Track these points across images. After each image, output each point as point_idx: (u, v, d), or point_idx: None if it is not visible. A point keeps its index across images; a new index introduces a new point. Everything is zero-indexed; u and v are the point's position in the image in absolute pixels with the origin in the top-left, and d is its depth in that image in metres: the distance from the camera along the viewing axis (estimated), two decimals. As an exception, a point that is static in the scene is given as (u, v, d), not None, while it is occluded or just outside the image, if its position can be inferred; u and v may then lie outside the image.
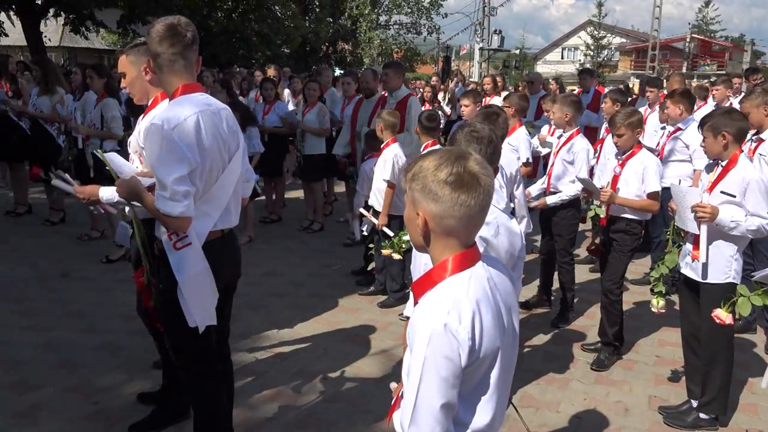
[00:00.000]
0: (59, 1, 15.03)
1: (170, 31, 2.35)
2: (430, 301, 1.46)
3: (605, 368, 4.05)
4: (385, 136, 4.99)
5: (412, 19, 31.29)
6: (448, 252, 1.49)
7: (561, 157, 4.70)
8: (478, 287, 1.47)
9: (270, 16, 20.89)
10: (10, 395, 3.48)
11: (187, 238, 2.40)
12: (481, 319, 1.43)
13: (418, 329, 1.43)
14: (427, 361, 1.40)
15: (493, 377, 1.50)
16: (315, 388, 3.68)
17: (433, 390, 1.40)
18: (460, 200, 1.42)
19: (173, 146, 2.25)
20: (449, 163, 1.44)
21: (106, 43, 27.06)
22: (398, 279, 5.02)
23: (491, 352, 1.46)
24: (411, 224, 1.53)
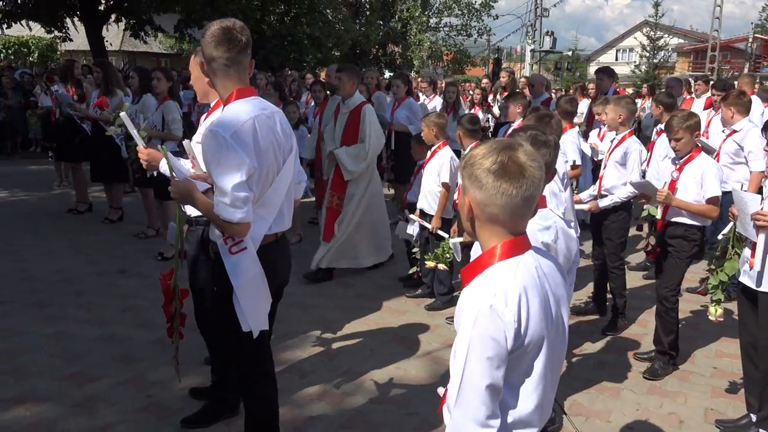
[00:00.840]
0: (121, 7, 15.58)
1: (225, 36, 2.35)
2: (477, 284, 1.49)
3: (659, 378, 3.94)
4: (438, 139, 4.98)
5: (463, 21, 31.12)
6: (495, 239, 1.52)
7: (613, 159, 4.59)
8: (527, 273, 1.49)
9: (321, 19, 21.11)
10: (69, 386, 3.62)
11: (243, 242, 2.40)
12: (528, 305, 1.45)
13: (464, 311, 1.46)
14: (473, 341, 1.42)
15: (539, 366, 1.51)
16: (361, 389, 3.70)
17: (479, 370, 1.42)
18: (502, 189, 1.45)
19: (231, 152, 2.25)
20: (496, 152, 1.48)
21: (164, 47, 27.84)
22: (446, 282, 5.00)
23: (537, 339, 1.48)
24: (462, 210, 1.57)
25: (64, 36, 16.53)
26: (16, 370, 3.77)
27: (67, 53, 23.44)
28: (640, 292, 5.49)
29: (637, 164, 4.52)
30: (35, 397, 3.47)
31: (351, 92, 5.43)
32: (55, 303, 4.86)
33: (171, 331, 3.01)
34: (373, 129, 5.44)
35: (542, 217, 2.23)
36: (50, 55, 24.90)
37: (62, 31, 16.16)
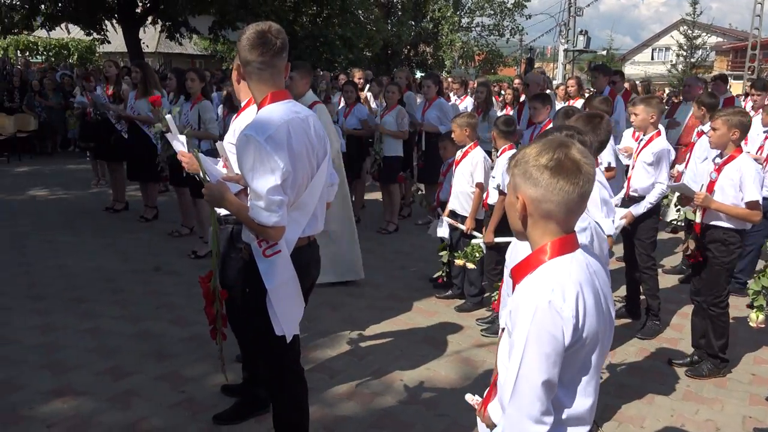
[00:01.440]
0: (157, 9, 15.86)
1: (260, 39, 2.35)
2: (533, 281, 1.50)
3: (702, 378, 3.85)
4: (470, 139, 4.96)
5: (495, 21, 30.90)
6: (548, 237, 1.52)
7: (642, 160, 4.49)
8: (580, 270, 1.50)
9: (353, 20, 21.18)
10: (105, 380, 3.70)
11: (277, 245, 2.41)
12: (584, 300, 1.46)
13: (521, 307, 1.47)
14: (531, 336, 1.43)
15: (592, 362, 1.53)
16: (391, 389, 3.70)
17: (535, 366, 1.43)
18: (559, 185, 1.46)
19: (266, 156, 2.25)
20: (551, 149, 1.49)
21: (198, 49, 28.25)
22: (477, 283, 4.97)
23: (593, 335, 1.48)
24: (511, 209, 1.58)
25: (103, 38, 16.90)
26: (54, 364, 3.87)
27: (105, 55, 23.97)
28: (676, 295, 5.38)
29: (667, 164, 4.44)
30: (72, 391, 3.56)
31: (303, 92, 5.02)
32: (92, 299, 4.98)
33: (214, 332, 3.03)
34: (330, 131, 5.07)
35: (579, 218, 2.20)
36: (89, 57, 25.48)
37: (101, 34, 16.52)
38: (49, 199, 8.91)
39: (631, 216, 4.43)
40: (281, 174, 2.28)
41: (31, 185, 9.69)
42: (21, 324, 4.45)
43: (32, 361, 3.90)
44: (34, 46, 24.74)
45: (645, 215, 4.49)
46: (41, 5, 14.98)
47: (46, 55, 24.83)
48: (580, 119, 3.09)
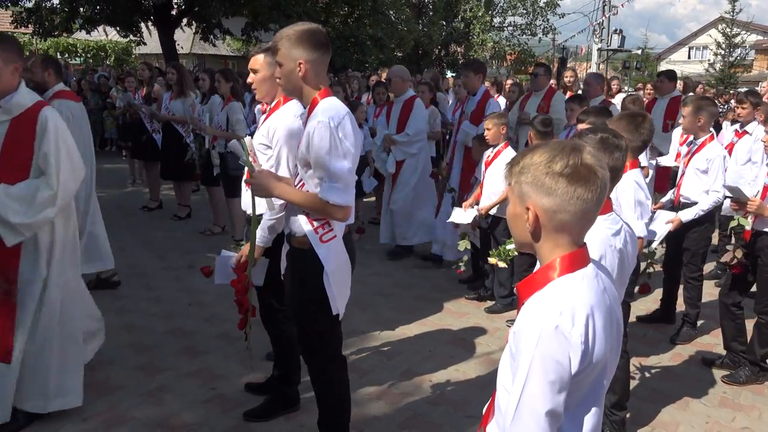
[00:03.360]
0: (192, 12, 16.12)
1: (320, 37, 2.50)
2: (539, 301, 1.39)
3: (739, 384, 3.76)
4: (504, 138, 4.93)
5: (527, 20, 30.60)
6: (558, 251, 1.41)
7: (694, 166, 4.33)
8: (591, 290, 1.39)
9: (384, 20, 21.23)
10: (139, 376, 3.77)
11: (333, 230, 2.56)
12: (594, 323, 1.35)
13: (525, 330, 1.36)
14: (535, 363, 1.33)
15: (598, 389, 1.43)
16: (420, 390, 3.69)
17: (539, 394, 1.33)
18: (577, 194, 1.35)
19: (340, 141, 2.43)
20: (564, 154, 1.37)
21: (231, 50, 28.64)
22: (507, 284, 4.93)
23: (600, 361, 1.38)
24: (517, 221, 1.46)
25: (139, 40, 17.25)
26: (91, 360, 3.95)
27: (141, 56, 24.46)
28: (713, 301, 5.26)
29: (721, 171, 4.25)
30: (107, 385, 3.64)
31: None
32: (128, 296, 5.08)
33: (244, 322, 3.09)
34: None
35: (613, 221, 2.17)
36: (126, 59, 26.04)
37: (137, 36, 16.87)
38: (86, 197, 9.10)
39: (678, 222, 4.23)
40: (351, 159, 2.47)
41: (70, 184, 9.91)
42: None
43: (69, 355, 3.99)
44: (73, 48, 25.41)
45: (696, 223, 4.30)
46: (80, 8, 15.35)
47: (85, 56, 25.47)
48: (622, 120, 3.04)
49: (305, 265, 2.61)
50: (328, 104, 2.50)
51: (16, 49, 3.05)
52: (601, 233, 2.08)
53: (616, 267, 2.10)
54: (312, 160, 2.47)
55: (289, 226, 2.67)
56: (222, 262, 3.19)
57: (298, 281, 2.69)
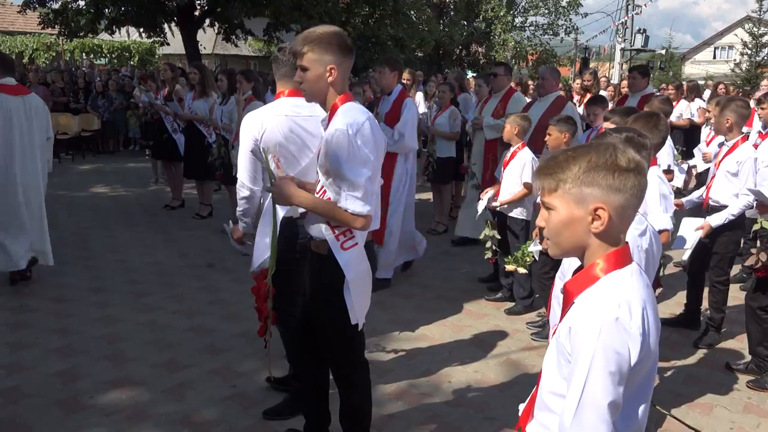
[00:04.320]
0: (214, 12, 16.27)
1: (345, 41, 2.48)
2: (595, 296, 1.40)
3: (765, 390, 3.70)
4: (519, 138, 4.90)
5: (549, 20, 30.37)
6: (602, 250, 1.43)
7: (725, 169, 4.23)
8: (641, 284, 1.42)
9: (405, 20, 21.22)
10: (161, 372, 3.82)
11: (355, 238, 2.52)
12: (649, 315, 1.38)
13: (584, 325, 1.37)
14: (597, 355, 1.34)
15: (649, 382, 1.46)
16: (439, 391, 3.69)
17: (601, 386, 1.34)
18: (641, 186, 1.39)
19: (358, 150, 2.38)
20: (621, 150, 1.40)
21: (253, 50, 28.81)
22: (525, 286, 4.90)
23: (654, 352, 1.41)
24: (574, 226, 1.43)
25: (162, 41, 17.45)
26: (114, 356, 4.01)
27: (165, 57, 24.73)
28: (738, 305, 5.17)
29: (752, 173, 4.15)
30: (130, 382, 3.69)
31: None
32: (150, 293, 5.14)
33: (264, 328, 3.10)
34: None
35: (639, 221, 2.16)
36: (149, 59, 26.35)
37: (160, 36, 17.07)
38: (110, 195, 9.26)
39: (708, 227, 4.12)
40: (371, 166, 2.42)
41: (94, 182, 10.09)
42: (83, 315, 4.64)
43: (94, 351, 4.06)
44: (98, 49, 25.76)
45: (725, 228, 4.20)
46: (105, 9, 15.57)
47: (109, 57, 25.82)
48: (639, 120, 3.05)
49: (324, 271, 2.59)
50: (347, 110, 2.47)
51: None
52: (629, 234, 2.07)
53: (642, 267, 2.08)
54: (330, 169, 2.44)
55: (309, 230, 2.65)
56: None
57: (318, 287, 2.67)
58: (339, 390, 2.85)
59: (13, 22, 27.15)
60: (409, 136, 5.39)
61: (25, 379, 3.69)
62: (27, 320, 4.53)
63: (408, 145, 5.41)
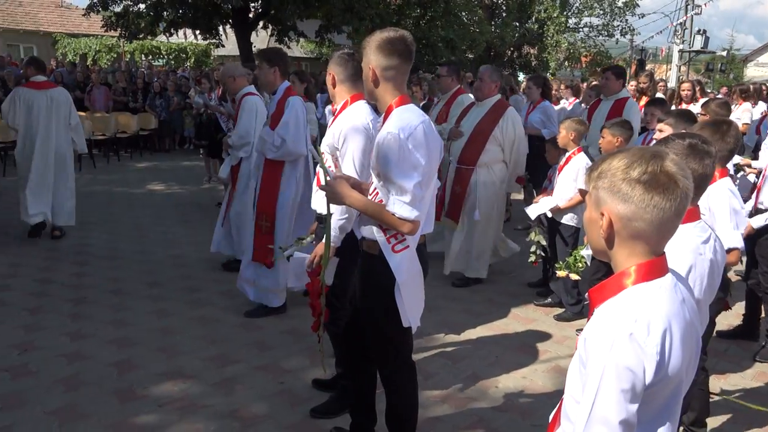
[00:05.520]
0: (268, 14, 16.56)
1: (403, 45, 2.47)
2: (613, 308, 1.35)
3: None
4: (575, 143, 4.81)
5: (604, 21, 29.72)
6: (634, 259, 1.38)
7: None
8: (669, 299, 1.35)
9: (456, 22, 21.12)
10: (211, 366, 3.90)
11: (406, 241, 2.51)
12: (671, 336, 1.31)
13: (597, 337, 1.33)
14: (607, 370, 1.29)
15: (672, 402, 1.38)
16: (485, 395, 3.65)
17: (611, 403, 1.29)
18: (654, 202, 1.32)
19: (409, 154, 2.37)
20: (643, 161, 1.34)
21: (305, 51, 29.18)
22: (573, 293, 4.81)
23: (677, 374, 1.33)
24: (592, 226, 1.44)
25: (218, 42, 17.86)
26: (167, 348, 4.13)
27: (219, 58, 25.32)
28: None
29: None
30: (182, 374, 3.78)
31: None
32: (202, 289, 5.27)
33: (317, 324, 3.13)
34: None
35: (702, 229, 2.08)
36: (205, 60, 27.03)
37: (216, 38, 17.48)
38: (165, 193, 9.53)
39: (750, 228, 4.01)
40: (421, 171, 2.40)
41: (151, 180, 10.41)
42: (138, 308, 4.79)
43: (148, 343, 4.19)
44: (156, 50, 26.58)
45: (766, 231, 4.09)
46: (164, 12, 16.05)
47: (167, 58, 26.60)
48: (707, 127, 2.92)
49: (375, 272, 2.60)
50: (401, 113, 2.47)
51: None
52: (691, 241, 2.00)
53: (706, 276, 2.01)
54: (380, 172, 2.45)
55: (361, 230, 2.67)
56: (295, 265, 3.24)
57: (368, 287, 2.69)
58: (385, 391, 2.86)
59: (78, 25, 28.29)
60: (292, 141, 4.49)
61: (84, 368, 3.83)
62: (87, 312, 4.71)
63: (292, 151, 4.52)
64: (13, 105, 6.35)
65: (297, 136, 4.51)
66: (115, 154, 12.56)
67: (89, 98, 12.75)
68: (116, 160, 12.35)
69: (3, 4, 28.20)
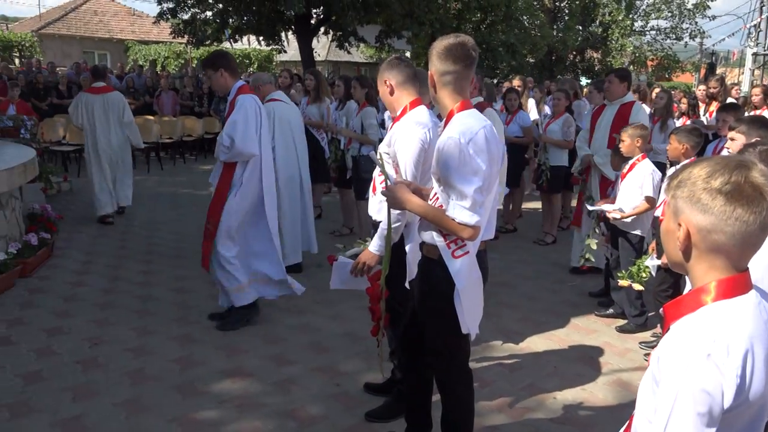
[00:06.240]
0: (329, 21, 16.83)
1: (463, 51, 2.48)
2: (690, 325, 1.27)
3: None
4: (641, 150, 4.67)
5: (672, 24, 28.76)
6: (713, 274, 1.29)
7: None
8: (752, 319, 1.26)
9: (518, 26, 20.89)
10: (270, 366, 3.98)
11: (466, 246, 2.50)
12: (754, 357, 1.22)
13: (672, 356, 1.25)
14: (682, 392, 1.21)
15: (756, 428, 1.28)
16: (543, 406, 3.58)
17: (686, 427, 1.21)
18: (736, 214, 1.23)
19: (469, 159, 2.37)
20: (727, 170, 1.26)
21: (364, 57, 29.49)
22: (636, 304, 4.66)
23: (759, 398, 1.24)
24: (669, 237, 1.37)
25: (280, 48, 18.27)
26: (228, 346, 4.23)
27: (281, 63, 25.86)
28: None
29: None
30: (241, 373, 3.87)
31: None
32: (261, 289, 5.38)
33: (377, 329, 3.15)
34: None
35: None
36: (267, 66, 27.67)
37: (278, 44, 17.88)
38: (227, 195, 9.76)
39: None
40: (482, 177, 2.39)
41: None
42: (200, 306, 4.93)
43: (209, 341, 4.30)
44: (221, 56, 27.37)
45: None
46: (230, 19, 16.54)
47: (231, 64, 27.36)
48: None
49: (434, 277, 2.59)
50: (462, 118, 2.47)
51: None
52: None
53: None
54: (441, 177, 2.45)
55: (421, 235, 2.67)
56: (339, 268, 3.27)
57: (427, 292, 2.68)
58: (441, 397, 2.84)
59: (149, 33, 29.50)
60: (241, 140, 4.25)
61: (149, 362, 3.98)
62: (152, 308, 4.89)
63: (243, 151, 4.30)
64: (77, 108, 7.48)
65: (246, 135, 4.28)
66: (181, 156, 13.00)
67: (158, 102, 13.25)
68: (182, 163, 12.78)
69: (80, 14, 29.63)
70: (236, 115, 4.28)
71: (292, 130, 5.89)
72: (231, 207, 4.44)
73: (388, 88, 3.12)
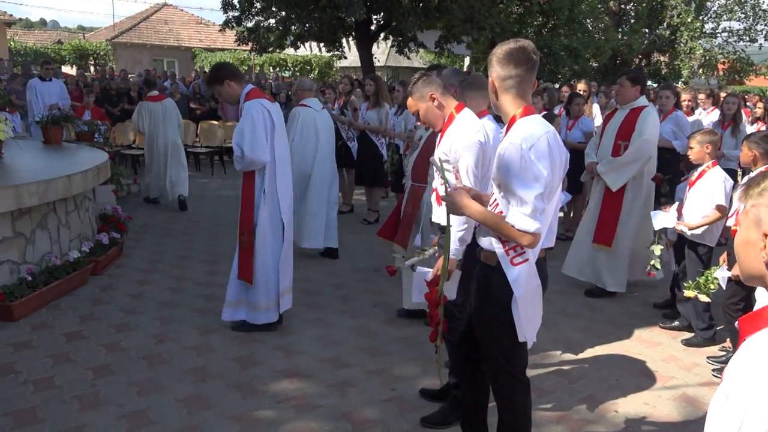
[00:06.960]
0: (389, 26, 16.93)
1: (524, 55, 2.45)
2: (763, 342, 1.21)
3: None
4: (711, 157, 4.50)
5: (746, 25, 27.49)
6: None
7: None
8: None
9: (581, 30, 20.44)
10: (326, 368, 4.02)
11: (525, 253, 2.47)
12: None
13: (745, 372, 1.19)
14: (753, 410, 1.15)
15: None
16: (604, 419, 3.48)
17: None
18: None
19: (530, 165, 2.34)
20: None
21: (424, 62, 29.49)
22: (704, 317, 4.47)
23: None
24: (748, 248, 1.30)
25: (340, 54, 18.49)
26: (286, 347, 4.31)
27: (342, 69, 26.19)
28: None
29: None
30: (298, 373, 3.93)
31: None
32: (320, 292, 5.45)
33: (435, 334, 3.14)
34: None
35: None
36: (328, 71, 28.08)
37: (339, 50, 18.11)
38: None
39: None
40: (544, 183, 2.35)
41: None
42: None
43: (268, 341, 4.39)
44: (283, 63, 27.99)
45: None
46: (292, 27, 16.88)
47: (293, 69, 27.92)
48: None
49: (492, 284, 2.57)
50: (524, 124, 2.43)
51: None
52: None
53: None
54: (501, 183, 2.43)
55: (479, 241, 2.65)
56: (419, 279, 3.27)
57: (484, 299, 2.65)
58: (497, 405, 2.81)
59: (215, 40, 30.45)
60: (249, 148, 4.18)
61: (211, 360, 4.09)
62: (215, 308, 5.01)
63: (253, 159, 4.22)
64: (139, 115, 8.60)
65: (254, 142, 4.19)
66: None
67: (222, 108, 13.63)
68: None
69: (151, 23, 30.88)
70: (243, 123, 4.24)
71: (317, 133, 6.36)
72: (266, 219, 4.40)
73: (435, 102, 3.22)
